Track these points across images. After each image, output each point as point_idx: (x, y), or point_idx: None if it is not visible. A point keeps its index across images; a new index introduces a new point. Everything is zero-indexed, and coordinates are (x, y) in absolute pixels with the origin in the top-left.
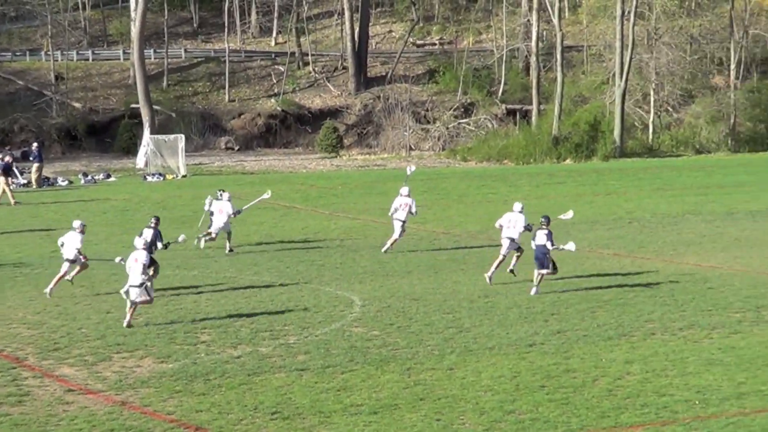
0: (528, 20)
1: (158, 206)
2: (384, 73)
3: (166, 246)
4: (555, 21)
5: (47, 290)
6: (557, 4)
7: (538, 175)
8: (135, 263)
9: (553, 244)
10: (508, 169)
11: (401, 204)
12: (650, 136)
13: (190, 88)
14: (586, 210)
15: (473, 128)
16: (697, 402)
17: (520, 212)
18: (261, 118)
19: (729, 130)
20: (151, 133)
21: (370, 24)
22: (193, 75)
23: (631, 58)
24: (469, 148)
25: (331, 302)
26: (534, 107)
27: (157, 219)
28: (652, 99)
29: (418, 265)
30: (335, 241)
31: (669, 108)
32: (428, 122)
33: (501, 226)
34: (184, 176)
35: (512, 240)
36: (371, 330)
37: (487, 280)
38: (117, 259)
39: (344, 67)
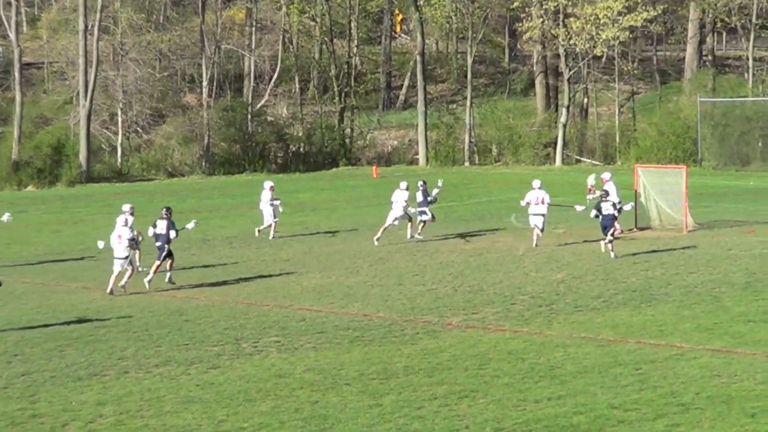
0: None
1: None
2: None
3: (176, 233)
4: (12, 36)
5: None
6: (14, 18)
7: None
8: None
9: (620, 212)
10: None
11: (399, 198)
12: (119, 159)
13: None
14: (52, 240)
15: None
16: None
17: (540, 188)
18: None
19: (203, 152)
20: None
21: None
22: None
23: (96, 76)
24: None
25: None
26: None
27: (169, 209)
28: (120, 119)
29: None
30: None
31: (138, 129)
32: None
33: (528, 203)
34: None
35: (542, 216)
36: None
37: (533, 245)
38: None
39: None
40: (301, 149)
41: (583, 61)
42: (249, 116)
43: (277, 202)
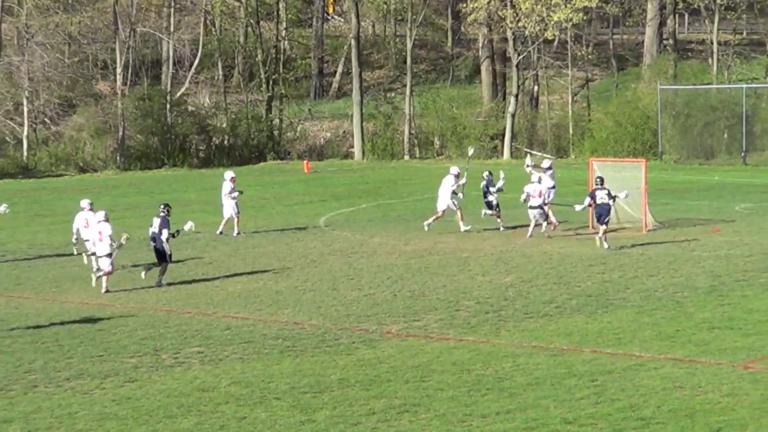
0: None
1: None
2: None
3: (174, 235)
4: None
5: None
6: None
7: None
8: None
9: (614, 201)
10: None
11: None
12: (25, 153)
13: None
14: None
15: None
16: None
17: (540, 182)
18: None
19: (117, 145)
20: None
21: None
22: None
23: None
24: None
25: None
26: None
27: (167, 207)
28: (26, 109)
29: None
30: None
31: (46, 120)
32: None
33: (528, 196)
34: None
35: (540, 209)
36: None
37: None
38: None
39: None
40: (225, 142)
41: (533, 45)
42: (168, 106)
43: (236, 194)
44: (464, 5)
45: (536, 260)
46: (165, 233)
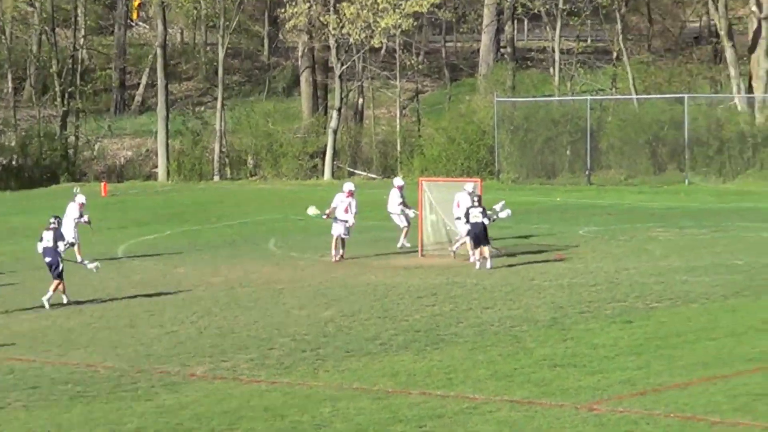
0: None
1: None
2: None
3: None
4: None
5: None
6: None
7: None
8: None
9: (489, 219)
10: None
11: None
12: None
13: None
14: None
15: None
16: None
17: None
18: None
19: None
20: None
21: None
22: None
23: None
24: None
25: None
26: None
27: (57, 218)
28: None
29: None
30: None
31: None
32: None
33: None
34: None
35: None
36: None
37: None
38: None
39: None
40: (14, 162)
41: (358, 53)
42: None
43: (84, 219)
44: (283, 11)
45: (359, 292)
46: (61, 245)
